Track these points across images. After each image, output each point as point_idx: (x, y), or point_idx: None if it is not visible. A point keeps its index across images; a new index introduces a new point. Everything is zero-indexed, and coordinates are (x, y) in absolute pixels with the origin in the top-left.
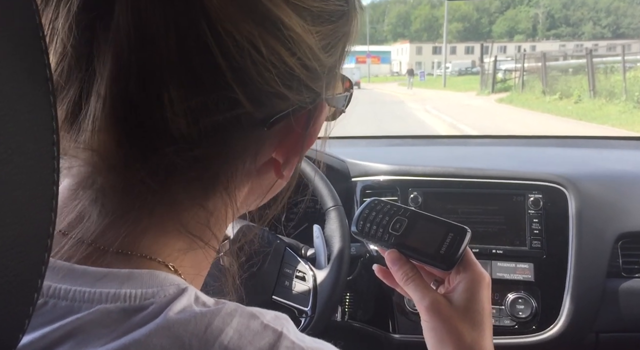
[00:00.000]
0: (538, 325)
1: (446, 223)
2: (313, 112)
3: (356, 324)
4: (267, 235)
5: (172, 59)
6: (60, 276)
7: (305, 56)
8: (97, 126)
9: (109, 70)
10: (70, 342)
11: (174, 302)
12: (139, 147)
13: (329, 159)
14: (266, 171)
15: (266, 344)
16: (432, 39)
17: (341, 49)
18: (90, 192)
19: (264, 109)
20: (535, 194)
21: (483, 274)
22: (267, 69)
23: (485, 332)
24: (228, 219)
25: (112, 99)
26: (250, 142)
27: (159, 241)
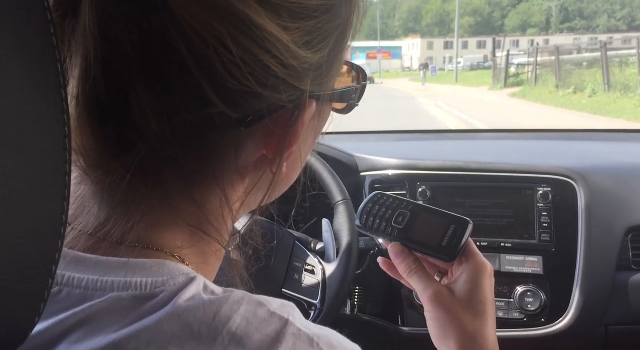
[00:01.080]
0: (547, 318)
1: (448, 215)
2: (295, 110)
3: (365, 317)
4: (277, 230)
5: (138, 59)
6: (72, 265)
7: (282, 54)
8: (73, 126)
9: (79, 70)
10: (85, 328)
11: (183, 291)
12: (113, 146)
13: (337, 154)
14: (261, 167)
15: (273, 331)
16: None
17: (333, 43)
18: (87, 187)
19: (239, 108)
20: (545, 187)
21: (485, 264)
22: (237, 67)
23: (488, 322)
24: (226, 215)
25: (83, 99)
26: (230, 141)
27: (160, 233)
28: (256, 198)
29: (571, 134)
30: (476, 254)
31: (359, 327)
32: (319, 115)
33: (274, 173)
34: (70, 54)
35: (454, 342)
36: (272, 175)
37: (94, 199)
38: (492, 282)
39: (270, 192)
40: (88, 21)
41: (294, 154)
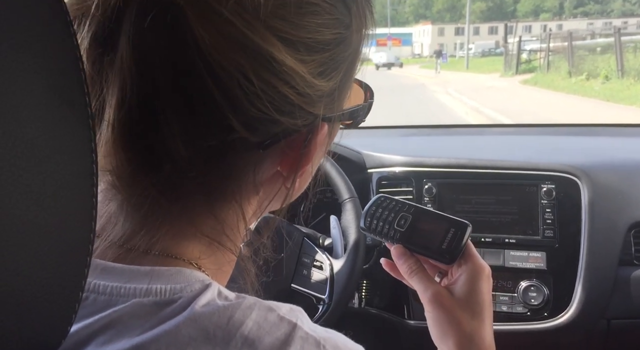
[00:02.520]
0: (550, 312)
1: (448, 219)
2: (309, 133)
3: (373, 311)
4: (286, 226)
5: (169, 90)
6: (98, 273)
7: (298, 84)
8: (109, 149)
9: (115, 99)
10: (110, 331)
11: (199, 297)
12: (144, 167)
13: (345, 151)
14: (275, 182)
15: (282, 334)
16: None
17: (344, 71)
18: (114, 202)
19: (258, 133)
20: (548, 184)
21: (483, 266)
22: (258, 97)
23: (485, 322)
24: (241, 225)
25: (118, 125)
26: (250, 162)
27: (181, 243)
28: (269, 209)
29: (577, 128)
30: (474, 256)
31: (366, 320)
32: (329, 134)
33: (288, 188)
34: (108, 85)
35: (452, 341)
36: (286, 190)
37: (121, 214)
38: (489, 283)
39: (286, 201)
40: (125, 55)
41: (306, 171)
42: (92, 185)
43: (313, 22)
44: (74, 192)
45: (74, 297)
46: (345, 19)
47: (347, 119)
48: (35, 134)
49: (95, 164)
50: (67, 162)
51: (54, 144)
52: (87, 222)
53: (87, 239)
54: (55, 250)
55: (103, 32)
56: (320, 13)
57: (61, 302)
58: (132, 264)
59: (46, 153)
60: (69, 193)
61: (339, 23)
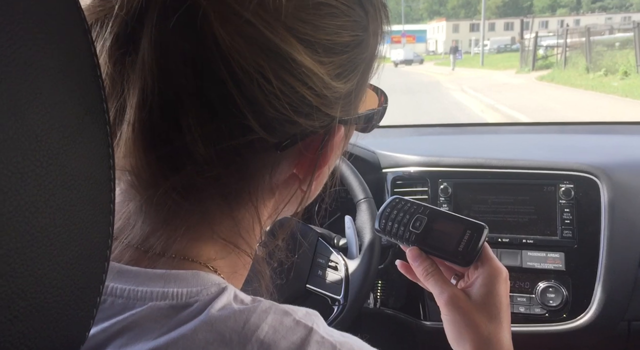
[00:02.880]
0: (569, 313)
1: (464, 220)
2: (326, 135)
3: (388, 311)
4: (301, 226)
5: (190, 90)
6: (116, 276)
7: (316, 86)
8: (129, 149)
9: (136, 99)
10: (127, 334)
11: (215, 300)
12: (164, 167)
13: (360, 151)
14: (291, 184)
15: (298, 339)
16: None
17: (361, 73)
18: (133, 204)
19: (276, 134)
20: (567, 184)
21: (500, 268)
22: (277, 98)
23: (503, 325)
24: (256, 228)
25: (139, 125)
26: (267, 163)
27: (197, 246)
28: (287, 209)
29: (596, 126)
30: (491, 258)
31: (381, 321)
32: (345, 137)
33: (304, 191)
34: (129, 86)
35: (469, 345)
36: (302, 193)
37: (140, 215)
38: (507, 286)
39: (302, 204)
40: (147, 56)
41: (322, 173)
42: (110, 191)
43: (332, 24)
44: (92, 198)
45: (91, 302)
46: (363, 21)
47: (363, 122)
48: (53, 141)
49: (112, 169)
50: (85, 168)
51: (72, 151)
52: (105, 227)
53: (104, 244)
54: (73, 256)
55: (125, 32)
56: (338, 15)
57: (79, 308)
58: (148, 266)
59: (65, 160)
60: (87, 199)
61: (356, 25)
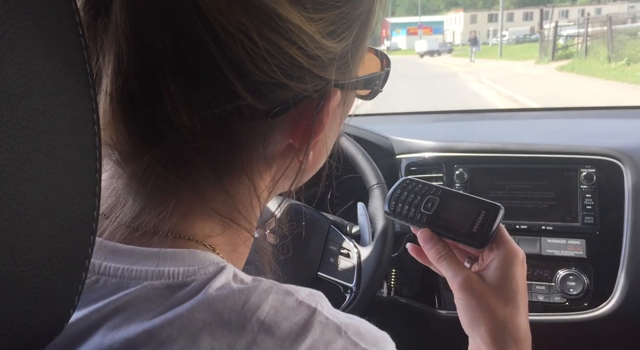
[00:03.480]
0: (590, 302)
1: (479, 201)
2: (320, 100)
3: (402, 300)
4: (313, 213)
5: (169, 55)
6: (109, 255)
7: (306, 45)
8: (108, 121)
9: (112, 67)
10: (121, 315)
11: (213, 280)
12: (145, 139)
13: (372, 137)
14: (288, 156)
15: (301, 320)
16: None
17: (356, 32)
18: (119, 181)
19: (266, 99)
20: (588, 168)
21: (516, 250)
22: (264, 60)
23: (520, 309)
24: (254, 203)
25: (117, 94)
26: (259, 132)
27: (192, 223)
28: (283, 186)
29: (619, 111)
30: (507, 240)
31: (395, 310)
32: (343, 103)
33: (300, 161)
34: (103, 52)
35: (484, 329)
36: (299, 163)
37: (128, 192)
38: (523, 268)
39: (300, 177)
40: (119, 19)
41: (320, 141)
42: (95, 160)
43: None
44: (73, 166)
45: (77, 277)
46: None
47: (363, 87)
48: (33, 105)
49: (97, 136)
50: (64, 133)
51: (53, 115)
52: (90, 198)
53: (90, 217)
54: (53, 226)
55: None
56: None
57: (63, 283)
58: (142, 245)
59: (41, 123)
60: (68, 166)
61: None
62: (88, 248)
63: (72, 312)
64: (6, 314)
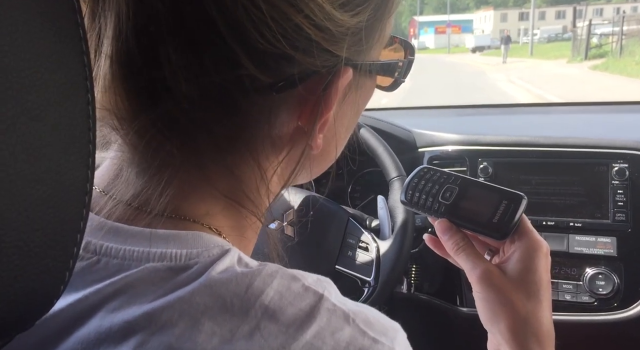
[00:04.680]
0: (620, 302)
1: (500, 190)
2: (329, 77)
3: (422, 296)
4: (331, 206)
5: (167, 16)
6: (111, 235)
7: (315, 15)
8: (106, 84)
9: (112, 29)
10: (121, 297)
11: (216, 263)
12: (143, 103)
13: (394, 129)
14: (299, 140)
15: (307, 306)
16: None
17: (374, 8)
18: (123, 154)
19: (270, 71)
20: (621, 163)
21: (540, 242)
22: (267, 27)
23: (542, 304)
24: (262, 188)
25: (117, 57)
26: (263, 108)
27: (196, 203)
28: (300, 176)
29: None
30: (530, 231)
31: (415, 306)
32: (357, 87)
33: (310, 146)
34: (105, 13)
35: (504, 324)
36: (311, 148)
37: (130, 166)
38: (547, 261)
39: (302, 163)
40: None
41: (330, 126)
42: (89, 129)
43: None
44: (64, 134)
45: (67, 252)
46: None
47: (381, 72)
48: (17, 65)
49: (92, 105)
50: (56, 99)
51: (40, 78)
52: (82, 170)
53: (82, 189)
54: (43, 198)
55: None
56: None
57: (52, 257)
58: (144, 225)
59: (31, 87)
60: (57, 135)
61: None
62: (80, 222)
63: (63, 289)
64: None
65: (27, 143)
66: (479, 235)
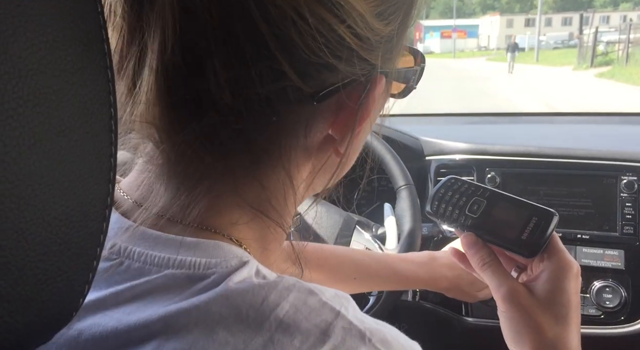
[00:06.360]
0: (627, 316)
1: (530, 205)
2: (366, 85)
3: (428, 305)
4: (338, 212)
5: (215, 29)
6: (136, 239)
7: (356, 24)
8: (150, 98)
9: (158, 43)
10: (139, 302)
11: (234, 273)
12: (185, 116)
13: (402, 137)
14: (326, 149)
15: (322, 322)
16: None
17: (402, 16)
18: (154, 167)
19: (313, 81)
20: (630, 175)
21: (571, 262)
22: (313, 38)
23: (571, 327)
24: (289, 198)
25: (162, 71)
26: (301, 117)
27: (222, 214)
28: (321, 181)
29: None
30: (561, 250)
31: (420, 315)
32: (385, 94)
33: (341, 153)
34: (150, 28)
35: (529, 347)
36: (339, 157)
37: (161, 177)
38: (578, 283)
39: (337, 173)
40: None
41: (361, 132)
42: (111, 144)
43: None
44: (87, 149)
45: (87, 266)
46: None
47: (403, 79)
48: (45, 83)
49: (114, 120)
50: (81, 115)
51: (66, 95)
52: (104, 184)
53: (103, 203)
54: (66, 213)
55: None
56: None
57: (72, 271)
58: (169, 232)
59: (57, 104)
60: (81, 149)
61: None
62: (100, 235)
63: (82, 301)
64: (11, 301)
65: (52, 158)
66: (507, 251)
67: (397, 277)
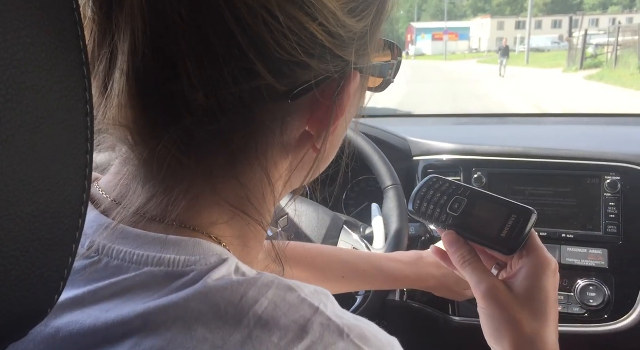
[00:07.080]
0: (611, 314)
1: (509, 203)
2: (340, 82)
3: (415, 305)
4: (326, 212)
5: (186, 30)
6: (115, 237)
7: (328, 21)
8: (123, 101)
9: (128, 44)
10: (117, 299)
11: (213, 270)
12: (160, 119)
13: (389, 137)
14: (303, 146)
15: (301, 318)
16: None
17: (375, 12)
18: (130, 167)
19: (286, 80)
20: (613, 175)
21: (549, 259)
22: (285, 37)
23: (549, 323)
24: (268, 195)
25: (134, 73)
26: (276, 115)
27: (201, 213)
28: (298, 177)
29: None
30: (539, 247)
31: (407, 315)
32: (361, 89)
33: (318, 150)
34: (119, 29)
35: (508, 343)
36: (316, 153)
37: (138, 178)
38: (556, 279)
39: (314, 170)
40: None
41: (338, 128)
42: (87, 140)
43: None
44: (61, 145)
45: (62, 263)
46: None
47: (378, 74)
48: (18, 78)
49: (90, 117)
50: (55, 112)
51: (40, 91)
52: (79, 181)
53: (79, 200)
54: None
55: None
56: None
57: (48, 267)
58: (147, 230)
59: (31, 100)
60: (55, 146)
61: None
62: (76, 232)
63: (57, 298)
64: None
65: (26, 155)
66: (487, 249)
67: (385, 277)
